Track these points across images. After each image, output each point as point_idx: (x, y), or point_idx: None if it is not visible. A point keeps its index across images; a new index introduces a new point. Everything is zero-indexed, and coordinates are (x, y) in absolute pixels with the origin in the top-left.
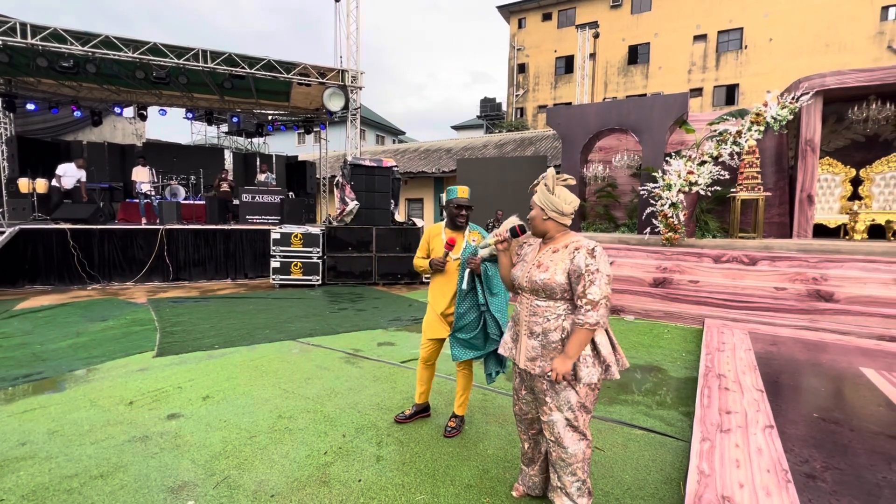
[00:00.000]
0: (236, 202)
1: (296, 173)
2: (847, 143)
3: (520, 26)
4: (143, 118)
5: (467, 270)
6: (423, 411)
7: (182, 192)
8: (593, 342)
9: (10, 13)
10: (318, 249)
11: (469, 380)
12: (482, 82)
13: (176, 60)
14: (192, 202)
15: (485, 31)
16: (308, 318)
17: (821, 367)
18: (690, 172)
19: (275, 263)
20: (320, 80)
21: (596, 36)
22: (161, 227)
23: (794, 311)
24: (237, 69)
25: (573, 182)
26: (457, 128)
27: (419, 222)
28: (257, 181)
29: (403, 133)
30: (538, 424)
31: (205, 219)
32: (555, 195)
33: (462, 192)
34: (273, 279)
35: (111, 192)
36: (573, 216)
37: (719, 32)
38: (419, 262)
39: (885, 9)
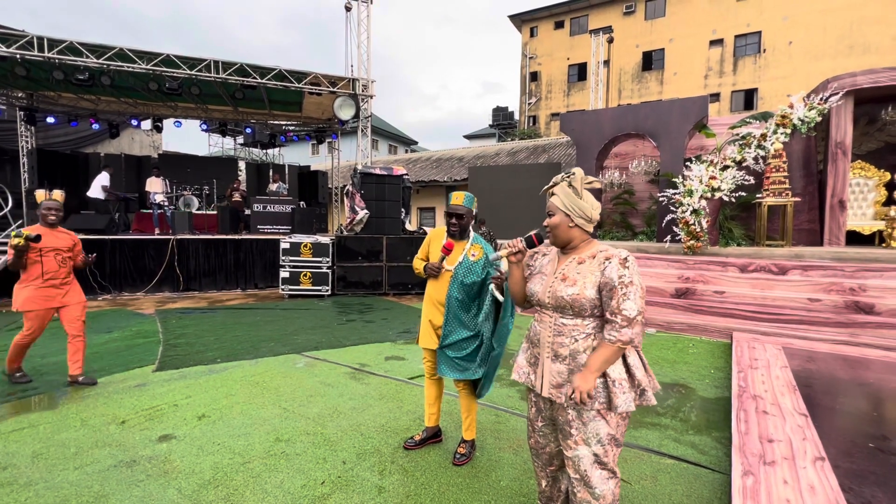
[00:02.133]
0: (248, 212)
1: (308, 183)
2: (880, 145)
3: (532, 35)
4: (159, 130)
5: (492, 286)
6: (434, 436)
7: (195, 202)
8: (626, 364)
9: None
10: (327, 259)
11: (471, 400)
12: (494, 92)
13: (188, 71)
14: (204, 212)
15: (496, 41)
16: (315, 329)
17: (867, 386)
18: (713, 178)
19: (284, 273)
20: (331, 89)
21: (610, 41)
22: (172, 237)
23: (831, 325)
24: (248, 79)
25: (599, 185)
26: (469, 137)
27: (429, 230)
28: (269, 191)
29: (416, 143)
30: (558, 460)
31: (217, 228)
32: (581, 199)
33: (455, 198)
34: (282, 289)
35: (127, 203)
36: (597, 222)
37: (736, 37)
38: (416, 262)
39: None
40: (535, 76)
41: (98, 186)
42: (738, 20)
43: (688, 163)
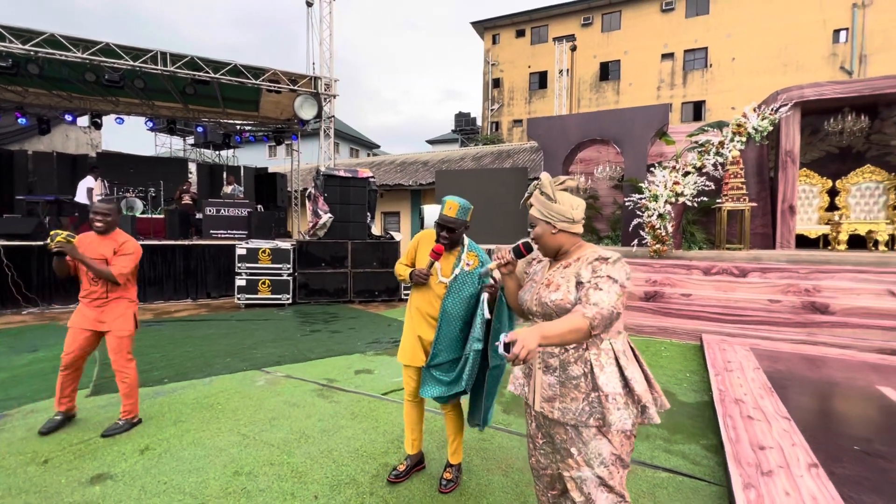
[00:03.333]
0: (199, 216)
1: (266, 186)
2: (822, 154)
3: (494, 42)
4: (98, 127)
5: (485, 296)
6: (418, 464)
7: (139, 205)
8: (624, 377)
9: None
10: (288, 266)
11: (459, 422)
12: (454, 98)
13: (131, 62)
14: (149, 216)
15: (457, 48)
16: (276, 342)
17: (837, 386)
18: (676, 183)
19: (240, 281)
20: (291, 87)
21: (573, 49)
22: None
23: (791, 325)
24: (200, 74)
25: (574, 184)
26: (431, 142)
27: (397, 236)
28: (223, 193)
29: (378, 146)
30: (561, 483)
31: (164, 234)
32: (557, 202)
33: (449, 208)
34: (238, 299)
35: (59, 206)
36: (583, 221)
37: (685, 51)
38: (400, 268)
39: (837, 32)
40: (497, 83)
41: (84, 189)
42: (688, 36)
43: (652, 168)
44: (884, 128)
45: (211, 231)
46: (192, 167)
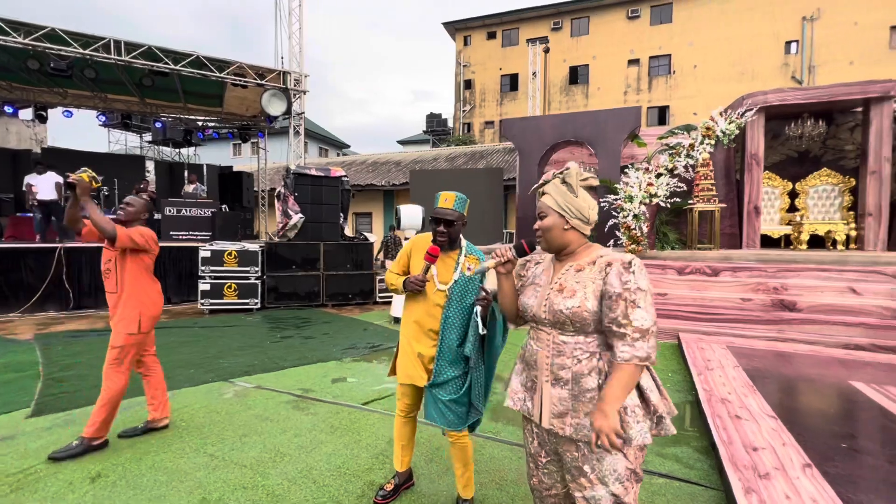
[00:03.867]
0: (158, 216)
1: (231, 185)
2: (783, 158)
3: (465, 43)
4: (43, 120)
5: (477, 309)
6: (406, 481)
7: None
8: (640, 388)
9: None
10: (256, 268)
11: (467, 451)
12: (425, 99)
13: (81, 50)
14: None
15: (427, 50)
16: (245, 350)
17: (812, 383)
18: (650, 184)
19: (204, 286)
20: (258, 81)
21: (546, 51)
22: (59, 245)
23: (763, 322)
24: (159, 65)
25: (596, 183)
26: (403, 142)
27: (371, 237)
28: (184, 193)
29: (348, 146)
30: (567, 503)
31: None
32: (578, 197)
33: (444, 199)
34: (201, 304)
35: None
36: (594, 226)
37: (650, 58)
38: (392, 278)
39: (788, 43)
40: (469, 84)
41: (52, 184)
42: (652, 43)
43: (626, 169)
44: (838, 133)
45: (171, 232)
46: (150, 165)
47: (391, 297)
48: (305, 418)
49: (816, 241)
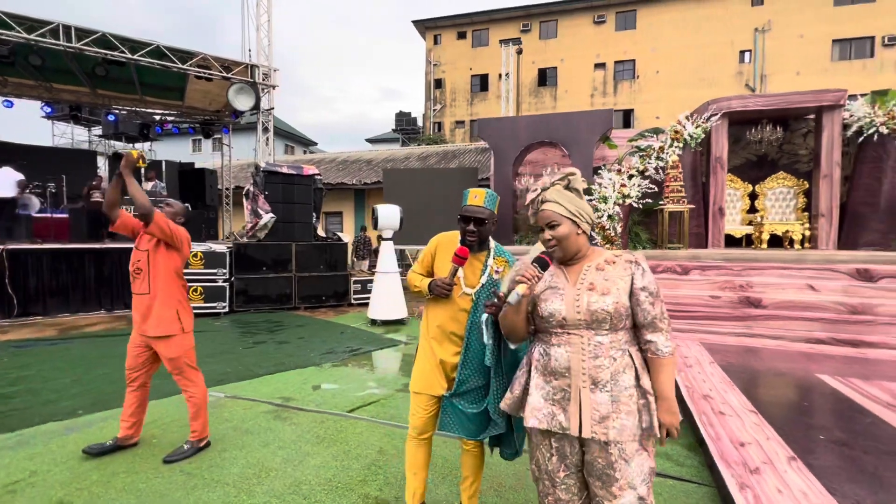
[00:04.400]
0: None
1: (192, 183)
2: (743, 161)
3: (435, 42)
4: None
5: (485, 317)
6: None
7: (36, 203)
8: (638, 376)
9: None
10: (223, 270)
11: (481, 459)
12: (395, 98)
13: (25, 35)
14: (49, 215)
15: (396, 48)
16: (215, 357)
17: (784, 376)
18: (623, 185)
19: None
20: (224, 74)
21: (519, 52)
22: (1, 247)
23: (732, 319)
24: (115, 53)
25: (585, 185)
26: (372, 140)
27: (345, 237)
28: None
29: (315, 144)
30: None
31: (67, 236)
32: (583, 201)
33: (474, 197)
34: None
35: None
36: None
37: (616, 62)
38: (415, 279)
39: (742, 53)
40: (439, 83)
41: (11, 183)
42: (618, 48)
43: (598, 171)
44: (793, 139)
45: None
46: (102, 161)
47: (367, 298)
48: (288, 429)
49: (775, 241)
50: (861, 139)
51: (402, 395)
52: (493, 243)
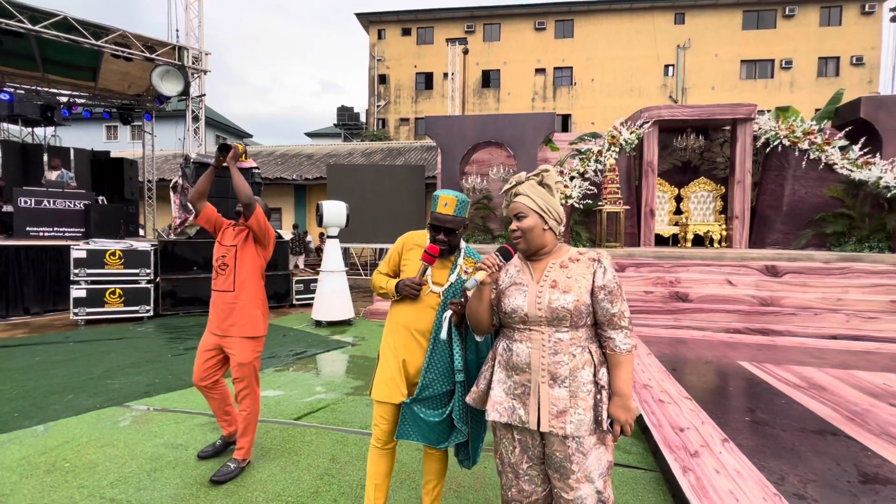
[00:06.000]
0: (9, 209)
1: (108, 174)
2: (670, 167)
3: (380, 37)
4: None
5: (447, 314)
6: None
7: None
8: (596, 372)
9: None
10: (147, 270)
11: (444, 463)
12: (334, 92)
13: None
14: None
15: (338, 40)
16: (140, 367)
17: (711, 364)
18: (566, 186)
19: (78, 292)
20: (147, 55)
21: (465, 52)
22: None
23: (663, 312)
24: (11, 23)
25: (558, 182)
26: (311, 135)
27: (286, 235)
28: (46, 181)
29: (251, 136)
30: None
31: None
32: (555, 199)
33: (443, 204)
34: (76, 314)
35: None
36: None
37: (555, 68)
38: (380, 280)
39: (667, 67)
40: (383, 79)
41: None
42: (557, 55)
43: None
44: (712, 147)
45: (28, 228)
46: None
47: (311, 298)
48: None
49: (698, 240)
50: (767, 149)
51: (352, 398)
52: (463, 244)
